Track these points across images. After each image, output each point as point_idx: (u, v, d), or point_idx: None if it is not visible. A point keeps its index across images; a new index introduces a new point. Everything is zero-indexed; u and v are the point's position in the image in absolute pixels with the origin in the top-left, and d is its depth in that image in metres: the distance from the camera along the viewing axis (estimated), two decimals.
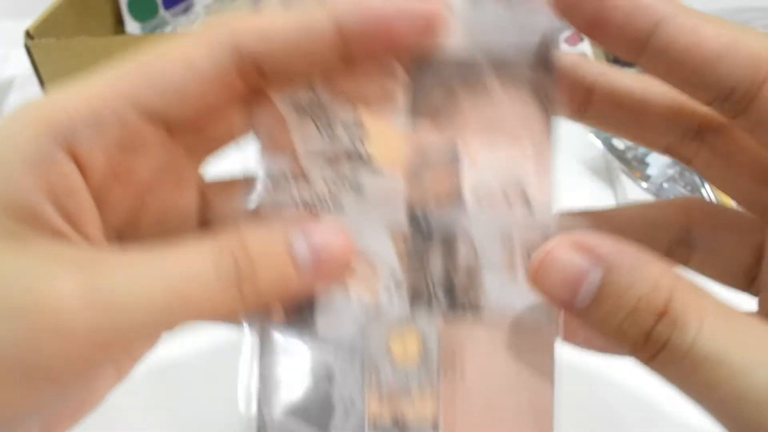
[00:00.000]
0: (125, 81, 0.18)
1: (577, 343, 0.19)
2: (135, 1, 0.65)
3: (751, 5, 0.58)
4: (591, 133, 0.48)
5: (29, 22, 0.50)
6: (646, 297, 0.16)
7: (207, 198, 0.22)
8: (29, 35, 0.50)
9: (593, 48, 0.54)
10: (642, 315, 0.16)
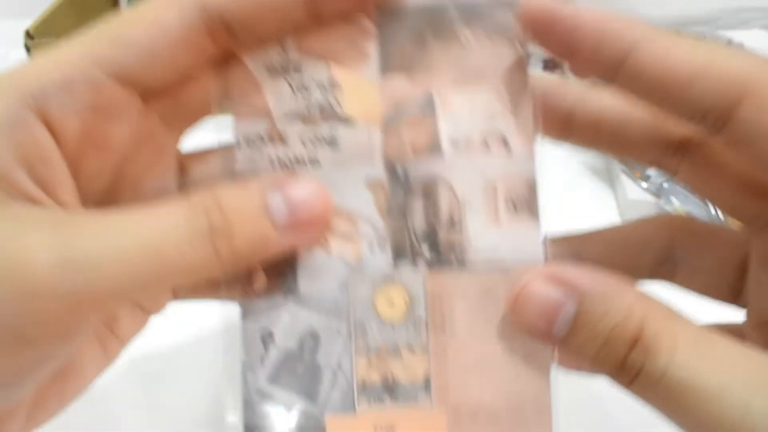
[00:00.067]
0: (95, 45, 0.18)
1: (568, 367, 0.20)
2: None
3: (751, 5, 0.57)
4: None
5: (29, 22, 0.51)
6: (620, 325, 0.17)
7: (186, 169, 0.22)
8: (29, 35, 0.51)
9: None
10: (616, 343, 0.17)
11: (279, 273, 0.20)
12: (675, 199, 0.42)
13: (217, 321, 0.21)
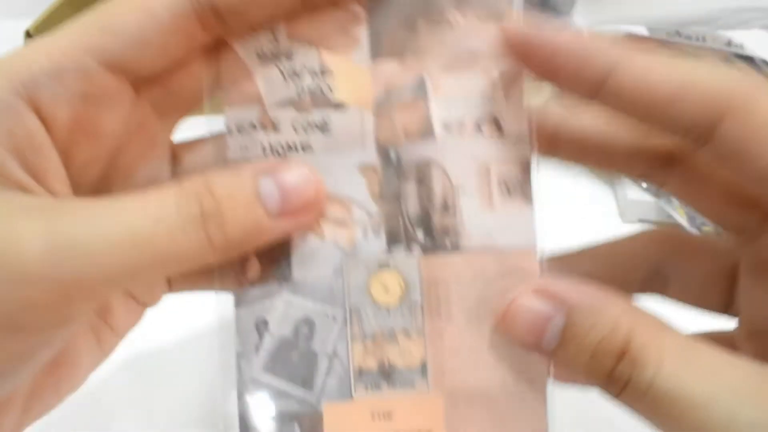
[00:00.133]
0: (85, 33, 0.18)
1: (564, 381, 0.20)
2: None
3: (751, 5, 0.56)
4: None
5: (29, 22, 0.51)
6: (607, 338, 0.17)
7: (179, 159, 0.22)
8: (29, 35, 0.51)
9: None
10: (603, 356, 0.17)
11: (273, 260, 0.20)
12: (675, 199, 0.42)
13: (212, 318, 0.21)
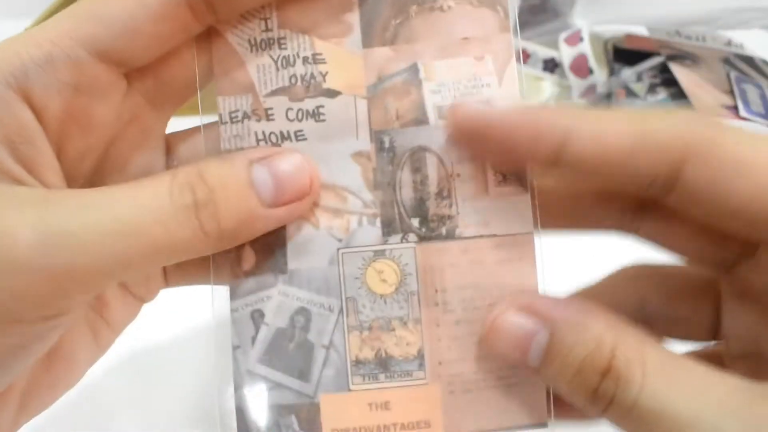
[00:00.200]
0: (75, 22, 0.18)
1: (566, 418, 0.20)
2: None
3: (751, 5, 0.56)
4: None
5: (29, 22, 0.51)
6: (591, 355, 0.17)
7: (173, 149, 0.22)
8: None
9: (593, 48, 0.52)
10: (587, 373, 0.17)
11: (268, 251, 0.20)
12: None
13: (209, 315, 0.20)
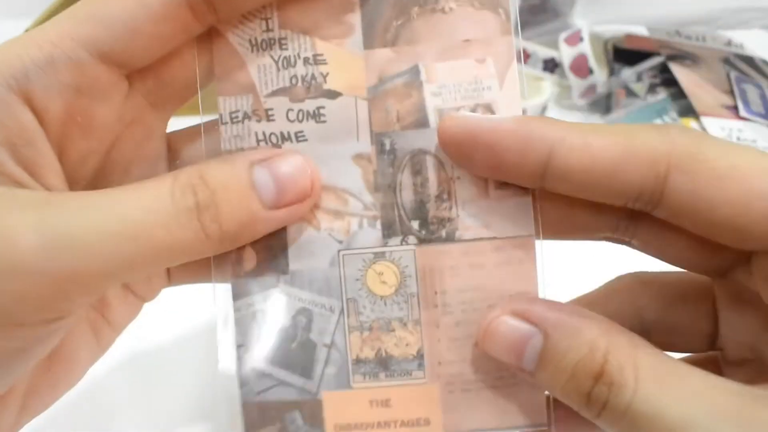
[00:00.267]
0: (76, 23, 0.18)
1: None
2: None
3: (751, 5, 0.56)
4: None
5: (29, 22, 0.51)
6: (584, 360, 0.17)
7: (175, 150, 0.22)
8: None
9: (593, 48, 0.52)
10: (581, 377, 0.17)
11: (269, 252, 0.20)
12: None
13: (210, 315, 0.21)
